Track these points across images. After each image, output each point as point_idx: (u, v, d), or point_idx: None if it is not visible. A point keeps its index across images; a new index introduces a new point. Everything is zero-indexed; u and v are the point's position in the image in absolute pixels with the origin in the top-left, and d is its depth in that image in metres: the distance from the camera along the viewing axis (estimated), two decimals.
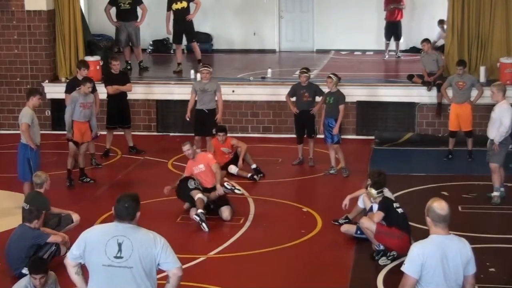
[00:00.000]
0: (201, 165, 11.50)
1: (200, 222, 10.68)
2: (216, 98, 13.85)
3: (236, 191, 11.44)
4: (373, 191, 9.77)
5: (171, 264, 5.77)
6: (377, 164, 12.88)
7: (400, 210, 9.62)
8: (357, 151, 13.36)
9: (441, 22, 19.76)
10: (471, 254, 5.86)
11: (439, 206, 5.80)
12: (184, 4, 17.34)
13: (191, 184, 11.22)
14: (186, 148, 11.55)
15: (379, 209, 9.67)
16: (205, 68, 13.91)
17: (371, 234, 9.61)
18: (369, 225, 9.59)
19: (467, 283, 5.86)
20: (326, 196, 12.62)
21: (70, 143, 12.87)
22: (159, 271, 5.85)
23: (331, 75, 13.25)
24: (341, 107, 13.10)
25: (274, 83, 16.61)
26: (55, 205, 10.23)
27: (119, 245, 5.64)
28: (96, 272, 5.70)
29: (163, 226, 10.92)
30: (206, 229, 10.63)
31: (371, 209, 10.10)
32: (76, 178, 12.93)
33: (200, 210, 10.79)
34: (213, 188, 11.29)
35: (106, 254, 5.64)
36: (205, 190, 11.23)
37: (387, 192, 9.98)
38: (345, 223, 10.46)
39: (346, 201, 10.47)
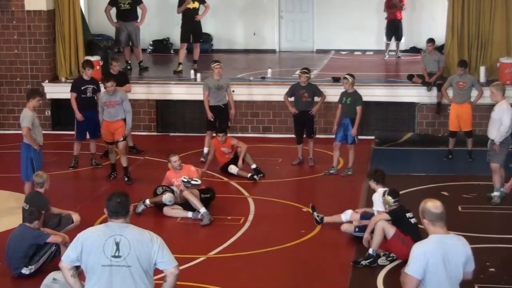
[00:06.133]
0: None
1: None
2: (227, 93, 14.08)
3: (193, 182, 11.37)
4: (390, 199, 9.45)
5: (168, 263, 5.77)
6: (377, 164, 12.84)
7: (413, 221, 9.30)
8: (357, 151, 13.32)
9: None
10: (470, 253, 5.86)
11: (433, 205, 5.79)
12: (196, 4, 17.45)
13: (159, 191, 11.36)
14: (175, 159, 11.63)
15: (388, 213, 9.44)
16: (218, 63, 14.01)
17: (380, 237, 9.25)
18: (388, 228, 9.23)
19: (464, 278, 5.87)
20: (326, 196, 12.61)
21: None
22: (158, 271, 5.83)
23: (347, 76, 13.21)
24: (359, 108, 13.05)
25: (274, 83, 16.60)
26: (55, 205, 10.24)
27: (117, 244, 5.64)
28: (95, 273, 5.69)
29: (163, 226, 10.97)
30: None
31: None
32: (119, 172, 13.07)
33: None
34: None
35: (105, 254, 5.64)
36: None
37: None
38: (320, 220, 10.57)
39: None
